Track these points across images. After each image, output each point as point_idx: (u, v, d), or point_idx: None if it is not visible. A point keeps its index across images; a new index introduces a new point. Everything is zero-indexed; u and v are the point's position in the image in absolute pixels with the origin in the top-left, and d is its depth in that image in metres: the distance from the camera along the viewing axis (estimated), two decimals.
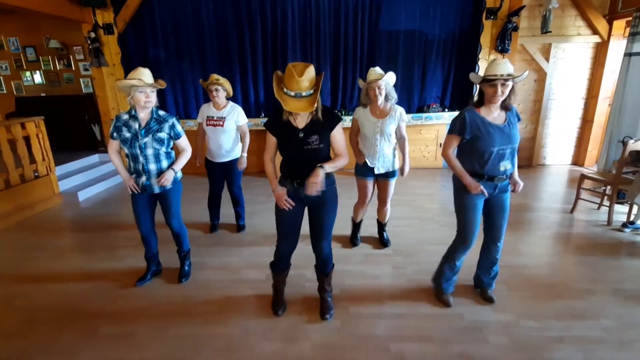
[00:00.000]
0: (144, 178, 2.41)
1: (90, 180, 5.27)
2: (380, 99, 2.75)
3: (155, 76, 2.37)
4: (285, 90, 1.83)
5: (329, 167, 1.98)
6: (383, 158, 2.87)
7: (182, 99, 5.86)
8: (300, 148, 1.96)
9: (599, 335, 2.11)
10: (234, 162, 3.37)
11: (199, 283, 2.74)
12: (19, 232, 3.82)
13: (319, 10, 5.40)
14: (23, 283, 2.82)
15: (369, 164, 2.90)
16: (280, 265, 2.34)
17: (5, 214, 3.95)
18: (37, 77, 6.57)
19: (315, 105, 1.86)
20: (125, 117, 2.36)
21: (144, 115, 2.35)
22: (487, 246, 2.37)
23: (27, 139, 4.35)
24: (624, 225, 3.53)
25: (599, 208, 4.02)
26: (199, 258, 3.07)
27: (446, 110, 5.70)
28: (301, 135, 1.95)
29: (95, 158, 5.97)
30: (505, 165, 2.10)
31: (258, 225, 3.76)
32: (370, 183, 3.01)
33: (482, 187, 2.11)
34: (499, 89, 1.96)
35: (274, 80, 1.90)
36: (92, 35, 5.30)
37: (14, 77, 6.59)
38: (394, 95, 2.80)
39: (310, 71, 1.82)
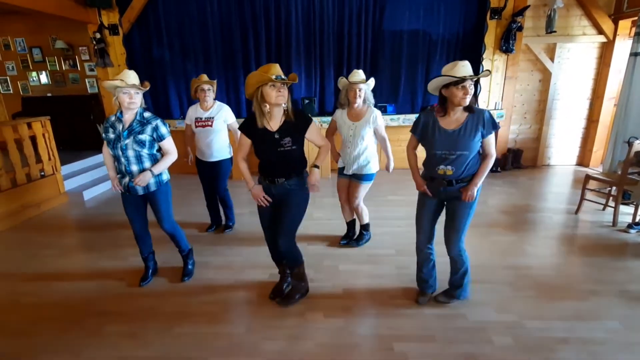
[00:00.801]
0: (127, 179, 2.41)
1: (95, 180, 5.32)
2: (359, 101, 2.79)
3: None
4: (268, 76, 1.94)
5: (320, 163, 2.22)
6: (354, 160, 2.90)
7: (187, 99, 5.87)
8: (275, 150, 2.09)
9: (603, 337, 2.10)
10: (221, 163, 3.36)
11: (202, 282, 2.75)
12: (25, 230, 3.86)
13: (322, 10, 5.40)
14: (29, 281, 2.85)
15: (339, 164, 3.02)
16: (273, 256, 2.52)
17: (12, 212, 4.00)
18: (43, 78, 6.63)
19: (288, 102, 2.05)
20: (113, 118, 2.38)
21: (128, 116, 2.34)
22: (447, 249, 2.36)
23: (33, 139, 4.39)
24: (630, 226, 3.50)
25: (604, 209, 3.99)
26: (202, 257, 3.08)
27: None
28: (276, 136, 2.08)
29: (100, 158, 5.99)
30: (445, 169, 2.09)
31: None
32: (343, 182, 3.08)
33: (425, 187, 2.22)
34: (469, 89, 1.96)
35: (251, 79, 1.99)
36: (98, 35, 5.35)
37: (21, 78, 6.66)
38: (372, 100, 2.86)
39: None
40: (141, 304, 2.50)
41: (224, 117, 3.28)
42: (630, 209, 3.80)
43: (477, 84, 5.63)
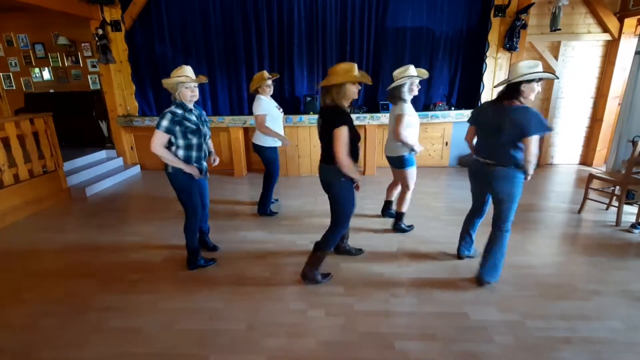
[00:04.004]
0: (204, 164, 2.69)
1: (97, 176, 5.32)
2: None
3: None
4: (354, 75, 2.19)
5: None
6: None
7: None
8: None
9: (606, 337, 2.09)
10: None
11: (205, 279, 2.76)
12: (27, 226, 3.87)
13: (325, 7, 5.37)
14: (32, 276, 2.86)
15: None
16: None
17: (15, 208, 4.01)
18: (46, 74, 6.63)
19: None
20: (180, 111, 2.50)
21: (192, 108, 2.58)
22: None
23: (35, 135, 4.39)
24: (633, 226, 3.48)
25: (607, 208, 3.97)
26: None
27: (452, 108, 5.65)
28: None
29: (102, 154, 6.02)
30: None
31: (263, 222, 3.77)
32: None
33: None
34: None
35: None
36: (100, 32, 5.34)
37: (23, 74, 6.66)
38: None
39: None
40: (144, 300, 2.50)
41: None
42: (633, 209, 3.78)
43: (479, 81, 5.63)
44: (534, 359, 1.95)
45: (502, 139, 2.28)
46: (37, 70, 6.62)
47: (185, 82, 2.40)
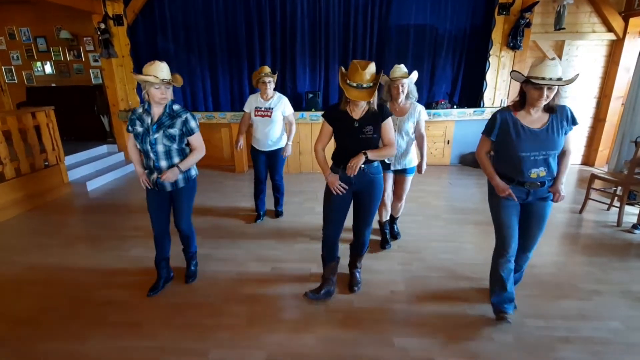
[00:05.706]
0: (155, 175, 2.28)
1: (98, 171, 5.33)
2: (402, 97, 2.77)
3: None
4: (348, 82, 2.02)
5: (371, 155, 2.12)
6: (402, 155, 2.87)
7: (190, 92, 5.86)
8: (356, 137, 2.14)
9: (605, 337, 2.09)
10: (278, 152, 3.50)
11: (206, 274, 2.76)
12: (29, 220, 3.88)
13: (328, 3, 5.35)
14: (33, 270, 2.86)
15: (385, 160, 2.86)
16: (330, 255, 2.47)
17: (16, 202, 4.01)
18: (48, 68, 6.62)
19: (373, 97, 2.04)
20: (140, 110, 2.25)
21: (157, 109, 2.22)
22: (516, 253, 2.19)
23: (37, 129, 4.39)
24: (634, 226, 3.47)
25: (608, 209, 3.96)
26: (205, 250, 3.08)
27: (455, 107, 5.64)
28: (356, 125, 2.13)
29: (103, 149, 6.02)
30: (537, 172, 1.96)
31: (264, 220, 3.77)
32: (388, 177, 2.96)
33: (510, 190, 2.01)
34: (545, 92, 1.83)
35: (339, 74, 2.11)
36: (102, 26, 5.33)
37: (25, 67, 6.65)
38: (415, 94, 2.84)
39: (372, 67, 2.01)
40: (144, 295, 2.51)
41: (282, 109, 3.38)
42: (635, 210, 3.77)
43: (482, 80, 5.59)
44: (534, 358, 1.95)
45: None
46: (39, 64, 6.61)
47: (154, 82, 2.09)
